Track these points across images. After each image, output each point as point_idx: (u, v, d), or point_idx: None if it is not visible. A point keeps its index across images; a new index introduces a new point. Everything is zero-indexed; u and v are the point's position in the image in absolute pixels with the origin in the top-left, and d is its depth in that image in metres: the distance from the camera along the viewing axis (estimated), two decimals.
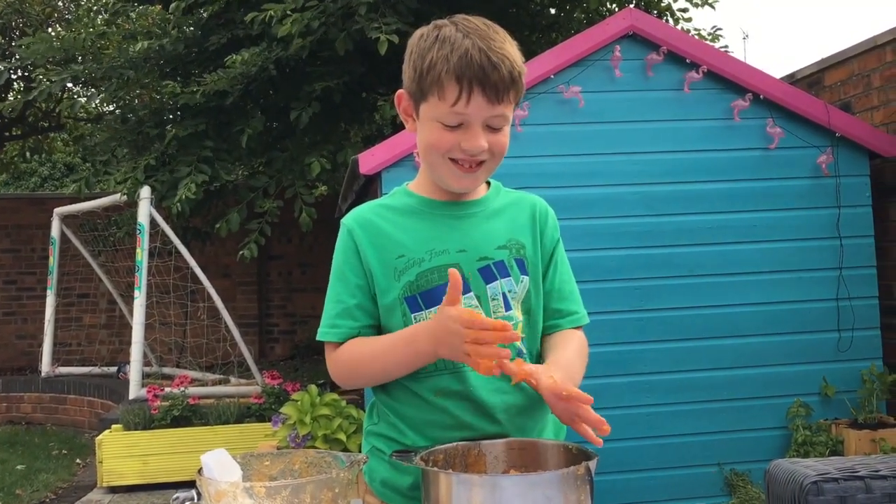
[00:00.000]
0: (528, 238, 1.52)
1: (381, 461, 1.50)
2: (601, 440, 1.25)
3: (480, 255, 1.47)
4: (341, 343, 1.49)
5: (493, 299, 1.46)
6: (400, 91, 1.49)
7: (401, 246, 1.47)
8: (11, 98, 6.40)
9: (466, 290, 1.45)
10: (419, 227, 1.49)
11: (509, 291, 1.47)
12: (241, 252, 5.64)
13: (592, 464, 1.19)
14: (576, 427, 1.28)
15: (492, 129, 1.41)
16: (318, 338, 1.51)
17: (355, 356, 1.47)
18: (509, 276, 1.48)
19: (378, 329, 1.51)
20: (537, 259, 1.52)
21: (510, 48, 1.39)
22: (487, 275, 1.47)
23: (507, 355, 1.29)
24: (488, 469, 1.33)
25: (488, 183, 1.58)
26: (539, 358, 1.52)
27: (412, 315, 1.46)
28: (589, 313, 1.60)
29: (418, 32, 1.45)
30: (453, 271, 1.30)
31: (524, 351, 1.49)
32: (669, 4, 7.26)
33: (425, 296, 1.45)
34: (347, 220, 1.52)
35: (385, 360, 1.44)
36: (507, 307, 1.47)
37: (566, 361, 1.44)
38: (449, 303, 1.30)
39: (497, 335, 1.26)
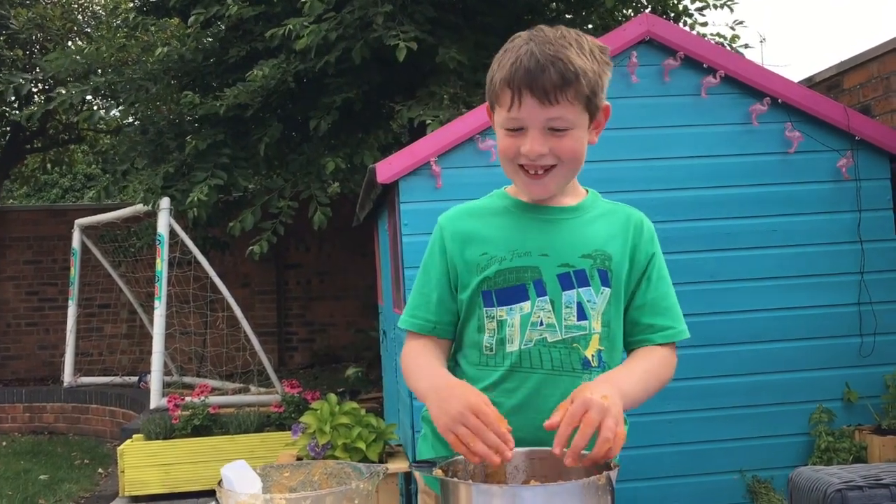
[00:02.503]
0: (616, 250, 1.50)
1: (427, 442, 1.56)
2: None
3: (562, 261, 1.47)
4: (417, 333, 1.54)
5: (567, 307, 1.46)
6: (485, 104, 1.54)
7: (486, 243, 1.50)
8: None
9: (542, 293, 1.46)
10: (506, 227, 1.51)
11: (588, 301, 1.46)
12: (250, 248, 5.60)
13: (613, 474, 1.19)
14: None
15: (555, 131, 1.40)
16: (398, 324, 1.57)
17: (408, 365, 1.52)
18: (589, 285, 1.47)
19: (456, 325, 1.54)
20: (623, 272, 1.50)
21: (569, 51, 1.39)
22: (565, 282, 1.46)
23: (495, 464, 1.25)
24: (508, 479, 1.32)
25: (587, 190, 1.58)
26: None
27: (485, 309, 1.48)
28: None
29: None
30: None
31: (592, 363, 1.47)
32: (686, 7, 7.22)
33: (500, 293, 1.47)
34: (441, 218, 1.57)
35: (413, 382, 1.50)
36: (581, 317, 1.46)
37: (620, 377, 1.40)
38: (488, 409, 1.27)
39: (493, 440, 1.22)
